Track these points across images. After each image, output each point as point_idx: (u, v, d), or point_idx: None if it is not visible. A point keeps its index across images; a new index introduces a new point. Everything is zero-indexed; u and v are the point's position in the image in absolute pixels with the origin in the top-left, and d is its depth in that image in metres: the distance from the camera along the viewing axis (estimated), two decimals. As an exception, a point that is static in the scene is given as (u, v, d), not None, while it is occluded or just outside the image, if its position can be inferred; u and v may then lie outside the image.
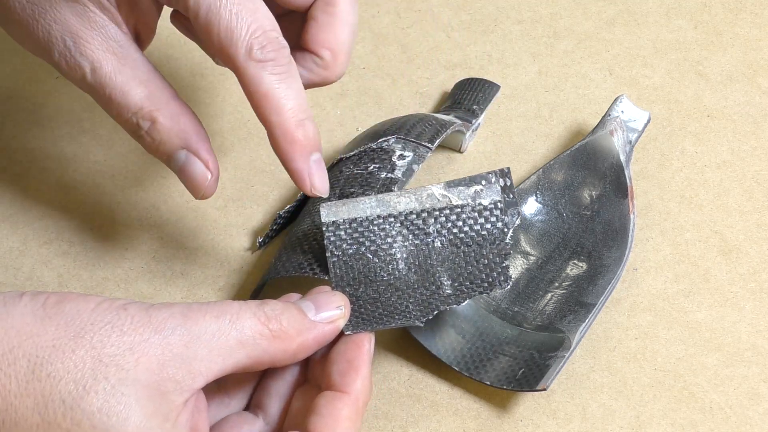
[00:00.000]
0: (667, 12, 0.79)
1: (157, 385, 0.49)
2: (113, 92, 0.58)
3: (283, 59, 0.57)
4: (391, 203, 0.59)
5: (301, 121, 0.57)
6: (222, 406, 0.56)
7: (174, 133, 0.58)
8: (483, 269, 0.58)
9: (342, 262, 0.59)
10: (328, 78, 0.62)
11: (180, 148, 0.59)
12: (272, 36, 0.56)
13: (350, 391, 0.53)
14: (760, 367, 0.63)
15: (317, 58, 0.61)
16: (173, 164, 0.59)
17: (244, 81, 0.56)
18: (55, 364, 0.48)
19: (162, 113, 0.58)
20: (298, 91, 0.57)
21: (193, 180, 0.59)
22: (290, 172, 0.58)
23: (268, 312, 0.53)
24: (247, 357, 0.52)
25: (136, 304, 0.51)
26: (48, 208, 0.69)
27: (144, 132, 0.58)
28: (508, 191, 0.59)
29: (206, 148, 0.59)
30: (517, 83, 0.76)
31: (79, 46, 0.58)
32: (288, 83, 0.57)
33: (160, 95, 0.58)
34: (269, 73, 0.56)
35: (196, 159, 0.59)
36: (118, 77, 0.58)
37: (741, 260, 0.67)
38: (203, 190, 0.59)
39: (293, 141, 0.57)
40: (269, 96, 0.56)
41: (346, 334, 0.55)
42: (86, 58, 0.58)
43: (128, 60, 0.58)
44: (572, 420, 0.61)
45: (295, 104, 0.57)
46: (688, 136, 0.73)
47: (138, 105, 0.58)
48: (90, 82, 0.58)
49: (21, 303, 0.50)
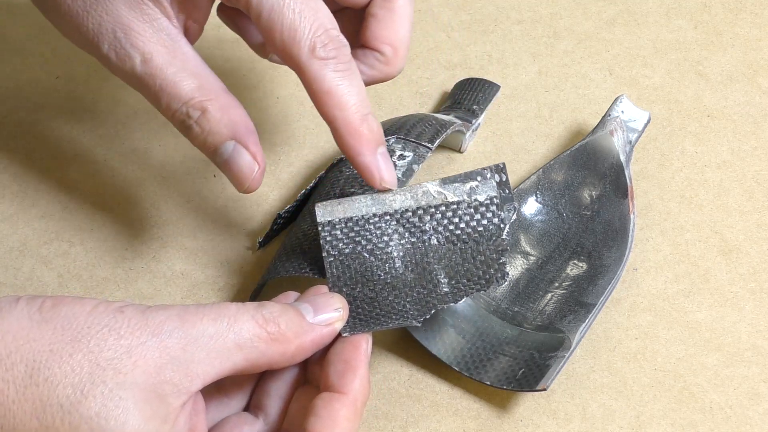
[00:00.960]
0: (667, 12, 0.79)
1: (155, 388, 0.49)
2: (164, 83, 0.58)
3: (345, 57, 0.57)
4: (387, 201, 0.59)
5: (365, 116, 0.58)
6: (221, 407, 0.56)
7: (223, 123, 0.58)
8: (480, 266, 0.58)
9: (338, 262, 0.59)
10: (390, 73, 0.63)
11: (228, 138, 0.59)
12: (333, 34, 0.57)
13: (348, 391, 0.53)
14: (760, 367, 0.63)
15: (378, 54, 0.62)
16: (219, 156, 0.59)
17: (307, 79, 0.57)
18: (53, 369, 0.48)
19: (212, 104, 0.58)
20: (360, 88, 0.58)
21: (239, 171, 0.59)
22: (358, 166, 0.58)
23: (265, 314, 0.52)
24: (244, 360, 0.52)
25: (132, 307, 0.51)
26: (48, 208, 0.69)
27: (193, 122, 0.58)
28: (503, 187, 0.59)
29: (254, 140, 0.59)
30: (517, 83, 0.76)
31: (129, 37, 0.58)
32: (350, 80, 0.57)
33: (211, 87, 0.59)
34: (332, 70, 0.57)
35: (244, 150, 0.59)
36: (169, 69, 0.58)
37: (741, 260, 0.67)
38: (249, 182, 0.59)
39: (359, 136, 0.58)
40: (332, 93, 0.57)
41: (344, 336, 0.55)
42: (137, 49, 0.58)
43: (178, 53, 0.58)
44: (572, 420, 0.61)
45: (357, 100, 0.57)
46: (688, 136, 0.73)
47: (189, 95, 0.58)
48: (140, 73, 0.58)
49: (17, 308, 0.50)
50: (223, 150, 0.59)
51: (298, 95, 0.75)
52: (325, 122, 0.58)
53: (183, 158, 0.72)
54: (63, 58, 0.77)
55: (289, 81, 0.75)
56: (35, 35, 0.78)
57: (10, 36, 0.78)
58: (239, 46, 0.77)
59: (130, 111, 0.74)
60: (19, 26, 0.78)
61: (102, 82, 0.75)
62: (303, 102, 0.74)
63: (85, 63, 0.76)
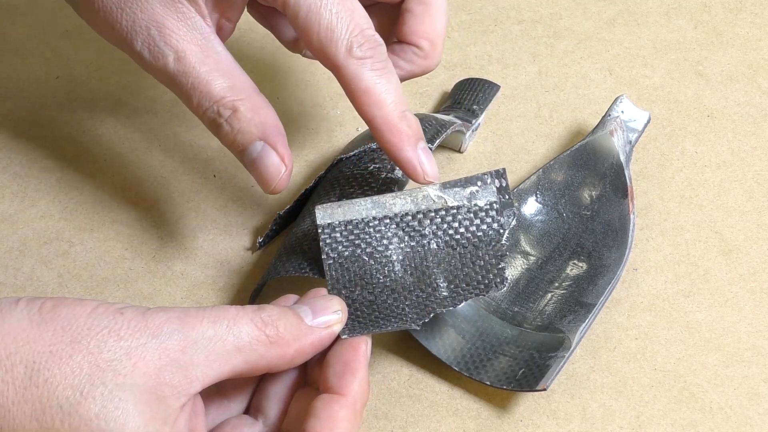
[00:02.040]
0: (667, 12, 0.79)
1: (155, 389, 0.49)
2: (196, 81, 0.58)
3: (381, 56, 0.58)
4: (387, 205, 0.59)
5: (403, 112, 0.58)
6: (221, 409, 0.56)
7: (254, 123, 0.59)
8: (479, 271, 0.58)
9: (338, 264, 0.59)
10: (429, 67, 0.64)
11: (257, 138, 0.59)
12: (369, 34, 0.58)
13: (347, 393, 0.53)
14: (760, 367, 0.63)
15: (416, 49, 0.63)
16: (247, 156, 0.59)
17: (344, 78, 0.58)
18: (53, 370, 0.48)
19: (243, 103, 0.59)
20: (396, 85, 0.58)
21: (265, 172, 0.59)
22: (400, 162, 0.59)
23: (265, 317, 0.52)
24: (244, 362, 0.52)
25: (132, 308, 0.51)
26: (48, 208, 0.69)
27: (224, 120, 0.59)
28: (503, 192, 0.59)
29: (283, 142, 0.60)
30: (517, 83, 0.76)
31: (163, 35, 0.58)
32: (387, 78, 0.58)
33: (243, 87, 0.59)
34: (369, 69, 0.58)
35: (272, 151, 0.59)
36: (202, 67, 0.58)
37: (741, 260, 0.67)
38: (275, 183, 0.60)
39: (399, 132, 0.58)
40: (371, 91, 0.58)
41: (343, 338, 0.55)
42: (170, 47, 0.58)
43: (211, 52, 0.59)
44: (572, 420, 0.61)
45: (395, 97, 0.58)
46: (688, 136, 0.73)
47: (221, 94, 0.59)
48: (172, 71, 0.59)
49: (17, 309, 0.50)
50: (252, 150, 0.59)
51: (297, 96, 0.75)
52: (364, 121, 0.58)
53: (183, 158, 0.72)
54: (63, 58, 0.77)
55: (289, 82, 0.75)
56: (35, 35, 0.78)
57: (10, 36, 0.78)
58: (238, 45, 0.77)
59: (130, 111, 0.74)
60: (19, 26, 0.78)
61: (102, 82, 0.75)
62: (302, 102, 0.74)
63: (85, 63, 0.76)
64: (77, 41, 0.78)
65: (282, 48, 0.74)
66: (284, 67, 0.76)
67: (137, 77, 0.76)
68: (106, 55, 0.77)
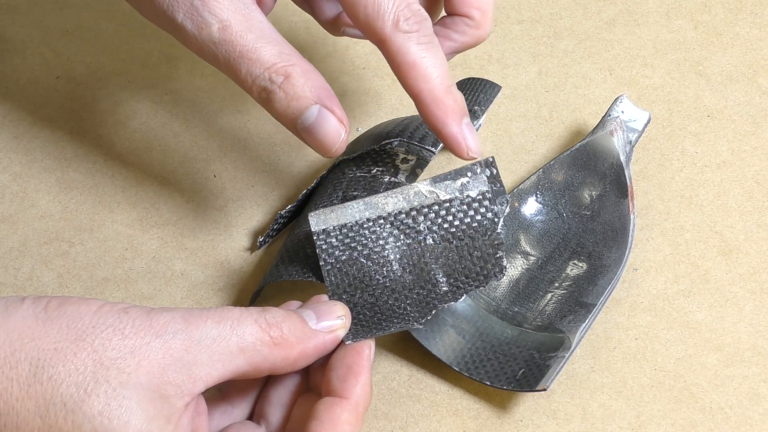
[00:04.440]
0: (667, 12, 0.79)
1: (158, 388, 0.49)
2: (244, 49, 0.58)
3: (427, 30, 0.58)
4: (379, 205, 0.59)
5: (449, 87, 0.58)
6: (225, 414, 0.56)
7: (308, 87, 0.58)
8: (477, 262, 0.58)
9: (336, 269, 0.58)
10: (481, 37, 0.64)
11: (313, 103, 0.58)
12: (415, 8, 0.58)
13: (349, 396, 0.53)
14: (760, 367, 0.63)
15: (467, 20, 0.63)
16: (303, 122, 0.59)
17: (391, 52, 0.58)
18: (57, 367, 0.48)
19: (295, 69, 0.58)
20: (442, 59, 0.58)
21: (325, 135, 0.59)
22: (444, 137, 0.59)
23: (269, 319, 0.53)
24: (247, 363, 0.52)
25: (137, 308, 0.51)
26: (48, 208, 0.69)
27: (277, 87, 0.58)
28: (494, 180, 0.59)
29: (338, 104, 0.59)
30: (517, 83, 0.76)
31: (207, 5, 0.58)
32: (433, 52, 0.58)
33: (291, 53, 0.59)
34: (415, 43, 0.58)
35: (330, 114, 0.59)
36: (249, 35, 0.58)
37: (741, 260, 0.67)
38: (336, 145, 0.59)
39: (445, 106, 0.58)
40: (417, 65, 0.58)
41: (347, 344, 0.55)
42: (215, 16, 0.58)
43: (255, 21, 0.58)
44: (572, 420, 0.61)
45: (441, 72, 0.58)
46: (688, 136, 0.73)
47: (271, 61, 0.58)
48: (217, 40, 0.58)
49: (23, 306, 0.50)
50: (308, 115, 0.58)
51: (298, 95, 0.75)
52: (409, 95, 0.58)
53: (183, 158, 0.72)
54: (63, 58, 0.77)
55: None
56: (35, 35, 0.78)
57: (10, 36, 0.78)
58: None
59: (130, 111, 0.74)
60: (19, 26, 0.78)
61: (102, 82, 0.75)
62: (303, 102, 0.74)
63: (85, 63, 0.76)
64: (77, 41, 0.78)
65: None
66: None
67: (137, 77, 0.76)
68: (106, 55, 0.77)
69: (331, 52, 0.77)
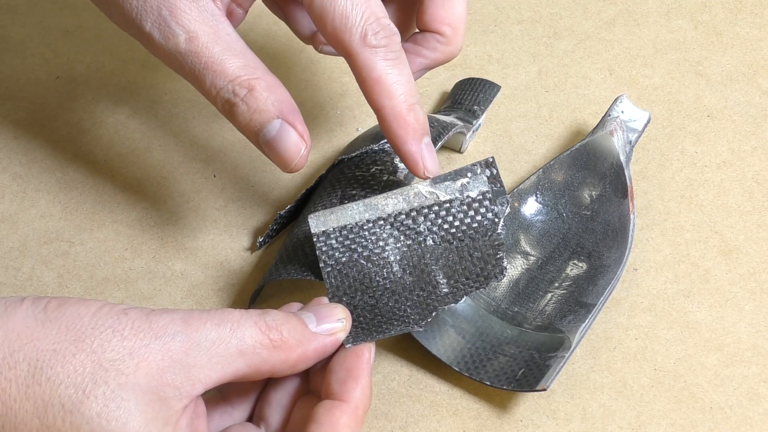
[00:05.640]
0: (667, 12, 0.79)
1: (157, 390, 0.49)
2: (209, 61, 0.58)
3: (395, 45, 0.58)
4: (379, 206, 0.59)
5: (412, 105, 0.58)
6: (225, 416, 0.56)
7: (270, 101, 0.58)
8: (477, 263, 0.58)
9: (336, 271, 0.58)
10: (453, 53, 0.64)
11: (275, 117, 0.58)
12: (384, 23, 0.58)
13: (349, 399, 0.53)
14: (760, 367, 0.63)
15: (439, 36, 0.63)
16: (264, 135, 0.59)
17: (356, 66, 0.58)
18: (56, 368, 0.48)
19: (259, 82, 0.58)
20: (408, 77, 0.58)
21: (285, 151, 0.59)
22: (403, 155, 0.59)
23: (269, 321, 0.52)
24: (246, 366, 0.52)
25: (136, 309, 0.51)
26: (48, 208, 0.69)
27: (240, 99, 0.58)
28: (494, 181, 0.59)
29: (300, 119, 0.59)
30: (517, 83, 0.76)
31: (174, 15, 0.58)
32: (399, 69, 0.58)
33: (256, 66, 0.59)
34: (382, 58, 0.57)
35: (291, 129, 0.58)
36: (215, 47, 0.58)
37: (741, 260, 0.67)
38: (295, 162, 0.59)
39: (405, 125, 0.58)
40: (382, 81, 0.57)
41: (347, 347, 0.55)
42: (182, 27, 0.58)
43: (222, 33, 0.58)
44: (572, 420, 0.61)
45: (406, 89, 0.58)
46: (688, 136, 0.73)
47: (235, 73, 0.58)
48: (183, 51, 0.58)
49: (22, 307, 0.50)
50: (270, 129, 0.58)
51: (297, 96, 0.75)
52: (372, 110, 0.58)
53: (183, 158, 0.72)
54: (63, 58, 0.77)
55: (288, 82, 0.75)
56: (35, 35, 0.78)
57: (10, 36, 0.78)
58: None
59: (130, 111, 0.74)
60: (19, 26, 0.78)
61: (102, 82, 0.75)
62: (302, 102, 0.74)
63: (85, 63, 0.76)
64: (77, 41, 0.78)
65: (282, 48, 0.74)
66: (284, 68, 0.76)
67: (137, 77, 0.76)
68: (106, 55, 0.77)
69: (331, 52, 0.77)
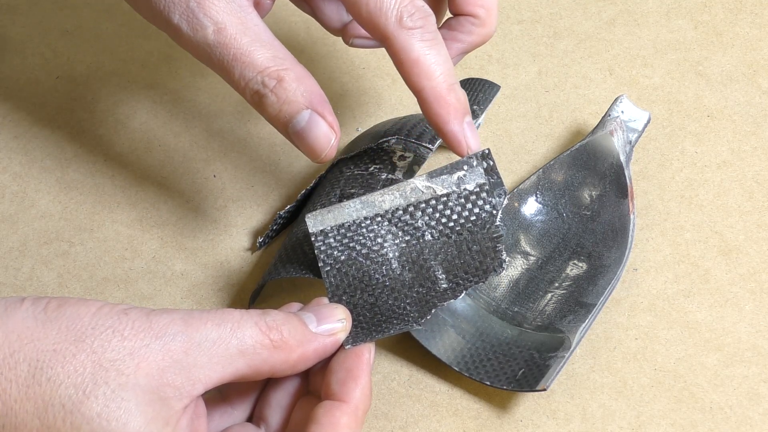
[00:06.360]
0: (667, 12, 0.79)
1: (157, 390, 0.49)
2: (238, 52, 0.58)
3: (431, 26, 0.58)
4: (376, 203, 0.59)
5: (452, 85, 0.58)
6: (225, 416, 0.56)
7: (300, 92, 0.58)
8: (476, 256, 0.58)
9: (336, 270, 0.58)
10: (488, 34, 0.64)
11: (304, 107, 0.58)
12: (419, 4, 0.58)
13: (349, 400, 0.53)
14: (760, 367, 0.63)
15: (473, 18, 0.63)
16: (294, 126, 0.58)
17: (394, 49, 0.57)
18: (56, 369, 0.48)
19: (288, 73, 0.58)
20: (446, 57, 0.58)
21: (315, 140, 0.59)
22: (445, 134, 0.59)
23: (269, 322, 0.52)
24: (247, 366, 0.52)
25: (136, 309, 0.51)
26: (48, 208, 0.69)
27: (269, 90, 0.58)
28: (491, 172, 0.59)
29: (330, 110, 0.59)
30: (517, 83, 0.76)
31: (203, 7, 0.58)
32: (437, 49, 0.58)
33: (285, 57, 0.58)
34: (419, 40, 0.57)
35: (321, 119, 0.58)
36: (243, 38, 0.58)
37: (741, 260, 0.67)
38: (325, 152, 0.59)
39: (447, 104, 0.58)
40: (420, 62, 0.57)
41: (347, 348, 0.55)
42: (210, 18, 0.58)
43: (250, 25, 0.58)
44: (572, 420, 0.61)
45: (444, 69, 0.58)
46: (688, 136, 0.73)
47: (265, 64, 0.58)
48: (212, 42, 0.58)
49: (22, 307, 0.50)
50: (299, 119, 0.58)
51: (298, 95, 0.75)
52: (412, 92, 0.58)
53: (183, 158, 0.72)
54: (63, 58, 0.77)
55: (289, 81, 0.75)
56: (35, 35, 0.78)
57: (10, 36, 0.78)
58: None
59: (130, 111, 0.74)
60: (19, 26, 0.78)
61: (102, 82, 0.75)
62: (303, 102, 0.74)
63: (85, 63, 0.76)
64: (77, 41, 0.78)
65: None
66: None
67: (137, 77, 0.76)
68: (106, 55, 0.77)
69: (331, 52, 0.77)
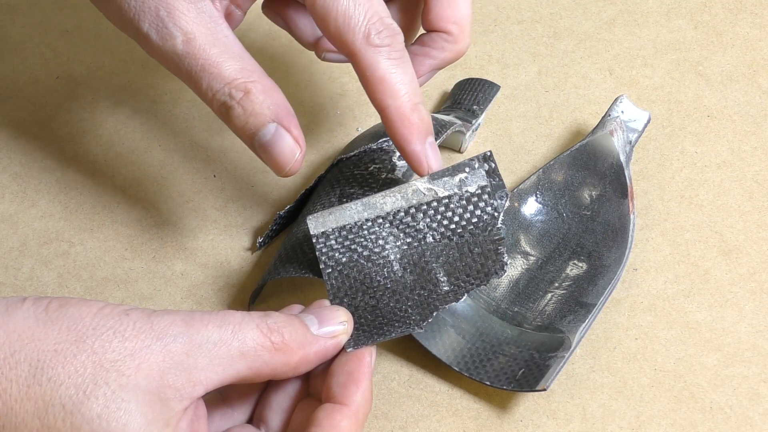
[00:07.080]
0: (667, 12, 0.79)
1: (158, 391, 0.49)
2: (206, 63, 0.58)
3: (398, 45, 0.58)
4: (378, 205, 0.59)
5: (416, 105, 0.58)
6: (225, 417, 0.56)
7: (266, 105, 0.58)
8: (478, 259, 0.57)
9: (337, 272, 0.58)
10: (461, 51, 0.64)
11: (270, 121, 0.58)
12: (387, 22, 0.57)
13: (350, 403, 0.53)
14: (760, 367, 0.63)
15: (445, 35, 0.63)
16: (259, 139, 0.58)
17: (360, 66, 0.57)
18: (56, 369, 0.48)
19: (256, 85, 0.58)
20: (412, 76, 0.58)
21: (280, 155, 0.58)
22: (407, 154, 0.58)
23: (270, 324, 0.52)
24: (247, 368, 0.52)
25: (138, 310, 0.51)
26: (48, 208, 0.69)
27: (236, 102, 0.58)
28: (493, 175, 0.59)
29: (296, 124, 0.59)
30: (517, 83, 0.76)
31: (172, 16, 0.57)
32: (403, 68, 0.58)
33: (253, 69, 0.58)
34: (385, 57, 0.57)
35: (286, 133, 0.58)
36: (212, 49, 0.58)
37: (741, 260, 0.67)
38: (289, 166, 0.59)
39: (410, 124, 0.58)
40: (386, 80, 0.57)
41: (348, 351, 0.55)
42: (179, 28, 0.57)
43: (220, 35, 0.58)
44: (572, 420, 0.61)
45: (409, 89, 0.58)
46: (688, 136, 0.73)
47: (232, 76, 0.58)
48: (180, 52, 0.58)
49: (23, 307, 0.50)
50: (265, 132, 0.58)
51: (297, 96, 0.75)
52: (376, 110, 0.58)
53: (183, 158, 0.72)
54: (63, 58, 0.77)
55: (288, 82, 0.75)
56: (35, 35, 0.78)
57: (10, 36, 0.78)
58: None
59: (130, 111, 0.74)
60: (19, 26, 0.78)
61: (102, 82, 0.75)
62: (302, 102, 0.74)
63: (85, 63, 0.76)
64: (77, 41, 0.78)
65: (282, 49, 0.74)
66: (284, 68, 0.76)
67: (137, 77, 0.76)
68: (106, 55, 0.77)
69: (331, 52, 0.77)
